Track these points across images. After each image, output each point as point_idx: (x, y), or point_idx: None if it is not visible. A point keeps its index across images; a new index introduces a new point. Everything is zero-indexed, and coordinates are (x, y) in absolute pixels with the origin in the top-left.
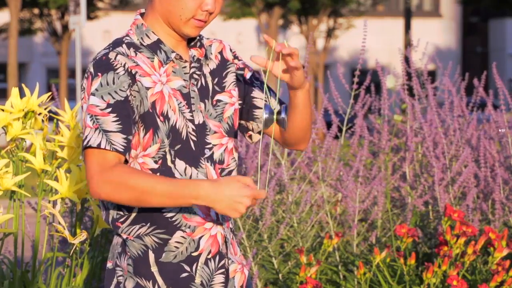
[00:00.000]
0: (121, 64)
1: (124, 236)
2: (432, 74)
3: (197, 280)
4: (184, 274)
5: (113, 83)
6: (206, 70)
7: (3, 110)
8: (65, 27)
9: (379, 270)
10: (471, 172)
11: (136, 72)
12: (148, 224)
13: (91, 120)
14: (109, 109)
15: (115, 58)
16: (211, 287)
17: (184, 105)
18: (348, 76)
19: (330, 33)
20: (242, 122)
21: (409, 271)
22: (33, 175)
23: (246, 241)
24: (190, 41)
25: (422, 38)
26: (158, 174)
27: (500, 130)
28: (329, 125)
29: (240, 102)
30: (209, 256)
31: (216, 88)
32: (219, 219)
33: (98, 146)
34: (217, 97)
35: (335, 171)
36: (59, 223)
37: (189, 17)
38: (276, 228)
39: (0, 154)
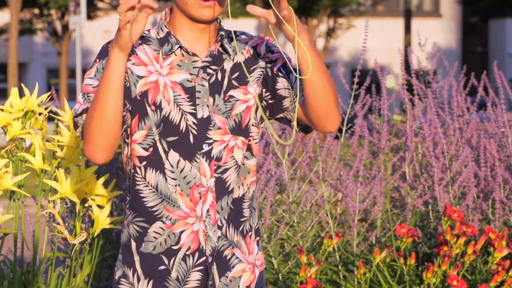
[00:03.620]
0: None
1: (125, 223)
2: (433, 74)
3: (173, 274)
4: (162, 267)
5: None
6: (228, 65)
7: (2, 110)
8: (65, 27)
9: (379, 270)
10: (471, 172)
11: (129, 60)
12: (132, 212)
13: (82, 98)
14: None
15: None
16: (186, 283)
17: (183, 98)
18: (348, 76)
19: (330, 33)
20: (281, 115)
21: (409, 271)
22: (33, 175)
23: None
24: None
25: (422, 38)
26: (146, 162)
27: (501, 130)
28: None
29: (269, 97)
30: (187, 252)
31: (234, 83)
32: (202, 216)
33: (82, 113)
34: (231, 92)
35: (336, 171)
36: (58, 223)
37: None
38: (275, 228)
39: None
